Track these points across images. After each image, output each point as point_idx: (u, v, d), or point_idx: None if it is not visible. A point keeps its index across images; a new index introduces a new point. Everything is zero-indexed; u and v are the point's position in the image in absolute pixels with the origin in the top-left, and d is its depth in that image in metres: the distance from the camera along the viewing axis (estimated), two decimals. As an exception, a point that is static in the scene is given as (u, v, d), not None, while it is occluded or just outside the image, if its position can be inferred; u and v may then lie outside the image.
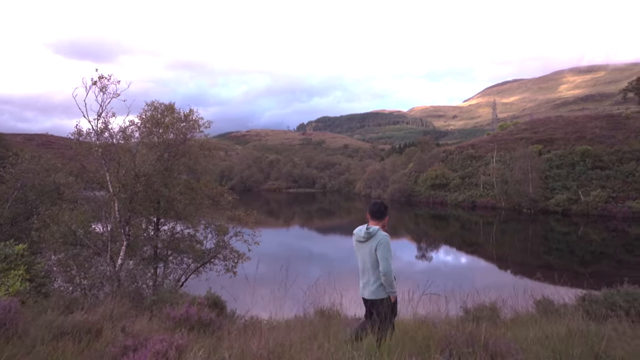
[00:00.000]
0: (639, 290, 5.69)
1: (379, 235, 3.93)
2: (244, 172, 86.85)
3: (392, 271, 3.88)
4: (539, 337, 4.12)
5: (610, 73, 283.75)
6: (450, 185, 48.95)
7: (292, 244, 28.99)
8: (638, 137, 40.70)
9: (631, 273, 8.47)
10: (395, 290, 3.96)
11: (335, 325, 4.58)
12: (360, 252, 4.10)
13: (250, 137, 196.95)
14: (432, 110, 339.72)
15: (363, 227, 4.05)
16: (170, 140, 8.58)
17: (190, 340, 2.94)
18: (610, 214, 34.23)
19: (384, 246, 3.88)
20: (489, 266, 21.98)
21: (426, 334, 4.09)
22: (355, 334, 3.87)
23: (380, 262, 3.87)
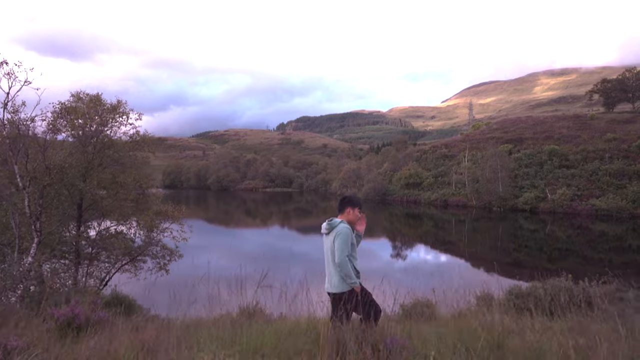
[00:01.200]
0: (562, 284, 5.68)
1: (339, 227, 3.88)
2: (220, 171, 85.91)
3: (347, 262, 3.79)
4: (446, 331, 4.03)
5: (581, 76, 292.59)
6: (423, 184, 49.40)
7: (273, 244, 28.75)
8: (602, 137, 41.85)
9: (595, 269, 8.75)
10: (356, 281, 3.84)
11: (246, 324, 4.39)
12: (325, 245, 4.05)
13: (229, 137, 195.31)
14: (411, 110, 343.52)
15: (327, 220, 4.03)
16: (88, 131, 8.19)
17: (30, 341, 2.70)
18: (575, 211, 35.05)
19: (341, 237, 3.82)
20: (462, 264, 22.13)
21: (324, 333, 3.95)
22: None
23: (336, 252, 3.80)
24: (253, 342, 3.28)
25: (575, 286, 6.93)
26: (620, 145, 39.56)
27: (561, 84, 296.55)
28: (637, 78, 53.70)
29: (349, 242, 3.86)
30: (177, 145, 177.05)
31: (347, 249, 3.82)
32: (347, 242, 3.84)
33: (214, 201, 66.47)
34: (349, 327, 3.56)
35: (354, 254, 3.98)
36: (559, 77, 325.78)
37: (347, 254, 3.82)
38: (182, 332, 3.38)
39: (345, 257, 3.79)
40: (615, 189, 35.11)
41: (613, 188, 35.34)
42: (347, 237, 3.85)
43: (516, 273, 15.45)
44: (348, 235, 3.86)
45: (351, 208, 4.09)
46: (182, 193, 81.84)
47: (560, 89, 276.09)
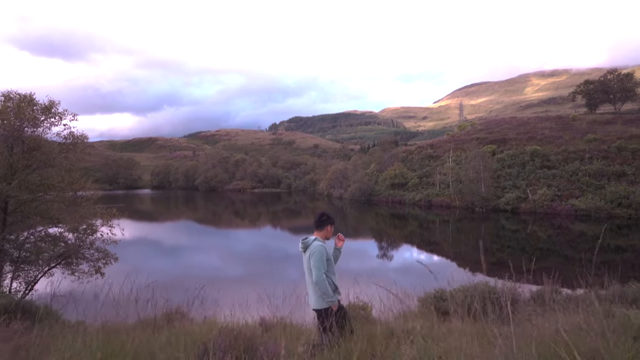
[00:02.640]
0: (486, 287, 5.70)
1: (313, 245, 3.99)
2: (208, 172, 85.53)
3: (323, 280, 3.89)
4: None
5: (571, 77, 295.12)
6: (408, 184, 49.53)
7: (267, 244, 28.77)
8: (583, 137, 42.25)
9: (575, 268, 8.88)
10: (334, 299, 3.95)
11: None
12: (304, 263, 4.17)
13: (220, 137, 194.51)
14: (403, 111, 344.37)
15: (302, 238, 4.16)
16: (14, 132, 8.03)
17: None
18: (555, 211, 35.34)
19: (315, 256, 3.92)
20: (449, 264, 22.20)
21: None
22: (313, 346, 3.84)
23: (312, 271, 3.91)
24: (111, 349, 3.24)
25: (508, 287, 6.98)
26: (600, 146, 39.96)
27: (551, 85, 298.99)
28: (619, 80, 54.31)
29: (324, 259, 3.97)
30: (168, 146, 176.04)
31: (322, 266, 3.93)
32: (322, 260, 3.94)
33: (202, 202, 66.21)
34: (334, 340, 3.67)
35: (332, 269, 4.09)
36: (549, 78, 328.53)
37: (324, 271, 3.92)
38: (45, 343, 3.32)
39: (322, 275, 3.89)
40: (594, 190, 35.46)
41: (592, 188, 35.68)
42: (322, 255, 3.96)
43: (500, 273, 15.57)
44: (322, 253, 3.97)
45: (330, 225, 4.26)
46: (170, 194, 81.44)
47: (550, 90, 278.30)
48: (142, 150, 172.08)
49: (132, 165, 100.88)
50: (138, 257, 22.76)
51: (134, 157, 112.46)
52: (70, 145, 8.62)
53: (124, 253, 24.17)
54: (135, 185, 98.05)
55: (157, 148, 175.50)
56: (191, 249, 26.88)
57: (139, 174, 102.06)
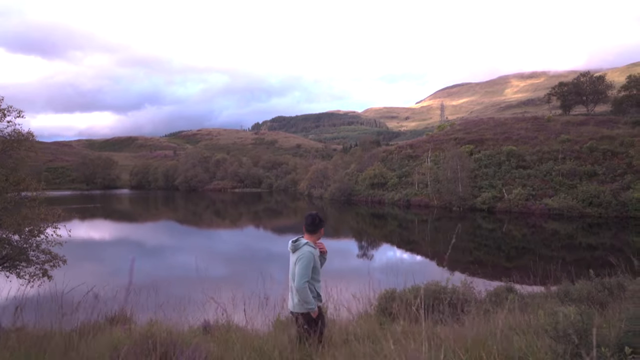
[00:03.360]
0: (430, 287, 5.70)
1: (303, 250, 3.87)
2: (188, 171, 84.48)
3: (306, 288, 3.78)
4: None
5: (549, 79, 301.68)
6: (388, 184, 49.82)
7: (250, 244, 28.55)
8: (557, 138, 43.16)
9: (549, 266, 9.05)
10: (313, 306, 3.85)
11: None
12: (290, 263, 4.04)
13: (201, 136, 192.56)
14: (386, 111, 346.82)
15: (292, 240, 4.04)
16: None
17: None
18: (530, 210, 35.98)
19: (302, 261, 3.81)
20: (428, 263, 22.32)
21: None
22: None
23: (296, 276, 3.81)
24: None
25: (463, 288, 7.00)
26: (573, 146, 40.89)
27: (530, 86, 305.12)
28: (591, 82, 55.77)
29: (310, 266, 3.86)
30: (148, 145, 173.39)
31: (307, 274, 3.82)
32: (308, 267, 3.84)
33: (182, 202, 65.38)
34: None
35: (317, 277, 4.00)
36: (528, 80, 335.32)
37: (307, 279, 3.82)
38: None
39: (305, 282, 3.79)
40: (567, 189, 36.25)
41: (565, 188, 36.47)
42: (309, 262, 3.84)
43: (478, 272, 15.76)
44: (310, 260, 3.85)
45: (323, 229, 4.14)
46: (150, 194, 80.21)
47: (529, 92, 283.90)
48: (121, 150, 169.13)
49: (110, 165, 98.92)
50: (118, 258, 22.47)
51: (112, 157, 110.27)
52: (14, 142, 8.29)
53: (104, 254, 23.87)
54: (113, 185, 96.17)
55: (137, 147, 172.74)
56: (173, 249, 26.54)
57: (117, 174, 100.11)
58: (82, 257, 22.62)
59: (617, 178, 35.29)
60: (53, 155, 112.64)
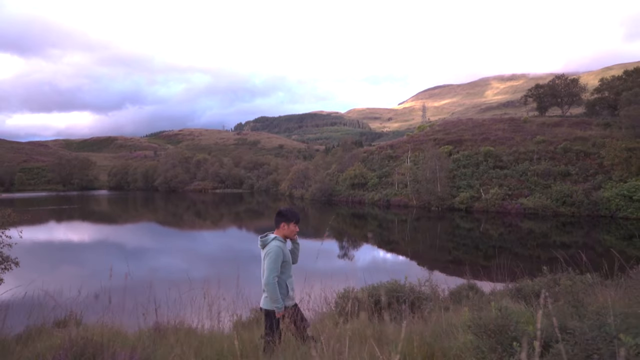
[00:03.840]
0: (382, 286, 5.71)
1: (270, 245, 3.82)
2: (168, 172, 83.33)
3: (274, 284, 3.69)
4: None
5: (528, 81, 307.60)
6: (368, 184, 50.04)
7: (233, 245, 28.25)
8: (533, 139, 44.03)
9: (525, 265, 9.19)
10: (280, 306, 3.74)
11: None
12: (262, 259, 3.98)
13: (183, 137, 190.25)
14: (369, 112, 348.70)
15: (261, 235, 4.02)
16: None
17: None
18: (506, 210, 36.58)
19: (270, 256, 3.74)
20: (409, 263, 22.42)
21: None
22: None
23: (264, 272, 3.73)
24: None
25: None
26: (547, 147, 41.75)
27: (510, 88, 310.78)
28: (565, 85, 57.20)
29: (279, 261, 3.77)
30: (128, 145, 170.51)
31: (276, 269, 3.74)
32: (276, 262, 3.75)
33: (162, 203, 64.46)
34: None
35: (288, 271, 3.91)
36: (508, 82, 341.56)
37: (276, 274, 3.74)
38: None
39: (273, 278, 3.71)
40: (541, 189, 36.98)
41: (540, 188, 37.21)
42: (277, 257, 3.76)
43: (456, 270, 15.93)
44: (278, 255, 3.77)
45: (285, 223, 4.00)
46: (129, 195, 78.88)
47: (508, 94, 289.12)
48: (100, 150, 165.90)
49: (87, 165, 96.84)
50: (97, 261, 22.15)
51: (90, 157, 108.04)
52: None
53: (82, 257, 23.38)
54: (90, 186, 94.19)
55: (117, 148, 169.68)
56: (155, 251, 26.16)
57: (95, 175, 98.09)
58: (61, 260, 22.25)
59: (589, 178, 36.18)
60: (28, 156, 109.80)
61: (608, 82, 49.91)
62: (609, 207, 32.23)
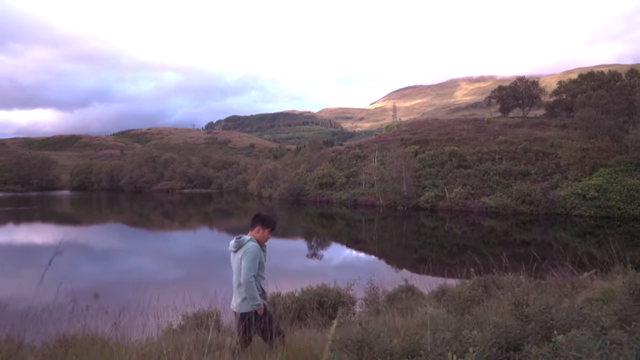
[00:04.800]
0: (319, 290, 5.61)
1: (248, 245, 3.79)
2: (134, 171, 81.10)
3: (252, 282, 3.66)
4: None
5: (495, 83, 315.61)
6: (336, 184, 50.15)
7: (206, 245, 27.64)
8: (495, 139, 45.20)
9: (487, 262, 9.29)
10: (259, 302, 3.72)
11: None
12: (232, 264, 3.92)
13: (151, 135, 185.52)
14: (341, 112, 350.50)
15: (235, 237, 3.98)
16: None
17: None
18: (469, 209, 37.38)
19: (249, 255, 3.70)
20: (378, 262, 22.47)
21: None
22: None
23: (242, 271, 3.69)
24: None
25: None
26: (509, 147, 42.95)
27: (478, 89, 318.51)
28: (527, 87, 59.15)
29: (256, 261, 3.77)
30: (93, 144, 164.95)
31: (254, 268, 3.73)
32: (254, 261, 3.74)
33: (128, 203, 62.74)
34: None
35: (262, 273, 3.89)
36: (476, 83, 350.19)
37: (254, 273, 3.72)
38: None
39: (252, 277, 3.68)
40: (502, 188, 37.99)
41: (501, 187, 38.22)
42: (256, 257, 3.76)
43: (424, 269, 16.10)
44: (256, 255, 3.77)
45: (261, 227, 4.02)
46: (92, 195, 76.39)
47: (476, 95, 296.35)
48: (64, 149, 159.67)
49: (48, 165, 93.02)
50: (65, 264, 21.40)
51: (51, 156, 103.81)
52: None
53: (44, 260, 22.38)
54: (51, 186, 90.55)
55: (81, 146, 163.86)
56: (125, 252, 25.48)
57: (57, 174, 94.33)
58: (21, 264, 21.39)
59: (547, 177, 37.43)
60: None
61: (565, 85, 51.86)
62: (565, 205, 33.43)
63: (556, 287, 5.52)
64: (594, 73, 49.47)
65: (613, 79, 46.60)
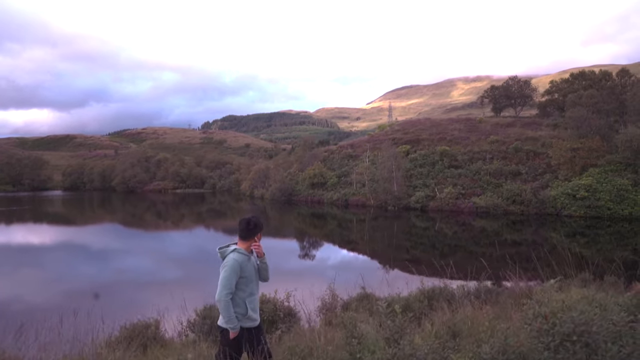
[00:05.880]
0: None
1: (228, 257, 3.36)
2: (126, 171, 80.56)
3: (226, 301, 3.23)
4: None
5: (492, 83, 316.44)
6: (328, 184, 49.85)
7: (204, 245, 27.43)
8: (487, 139, 44.98)
9: (479, 263, 9.10)
10: (234, 326, 3.29)
11: None
12: None
13: (146, 135, 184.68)
14: (338, 111, 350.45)
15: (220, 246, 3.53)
16: None
17: None
18: (459, 209, 37.13)
19: (225, 270, 3.29)
20: (370, 262, 22.28)
21: None
22: None
23: (218, 287, 3.28)
24: None
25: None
26: (500, 147, 42.73)
27: (474, 89, 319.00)
28: (519, 86, 59.03)
29: (233, 277, 3.31)
30: (87, 144, 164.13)
31: (228, 285, 3.28)
32: (231, 277, 3.30)
33: (120, 204, 62.41)
34: None
35: (249, 289, 3.44)
36: (473, 83, 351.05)
37: (228, 291, 3.28)
38: None
39: (225, 295, 3.26)
40: (493, 188, 37.76)
41: (491, 187, 37.98)
42: (233, 271, 3.31)
43: (414, 270, 15.95)
44: (234, 270, 3.32)
45: (260, 234, 3.63)
46: (84, 195, 75.95)
47: (473, 94, 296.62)
48: (58, 149, 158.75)
49: (39, 165, 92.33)
50: (62, 264, 21.24)
51: (43, 156, 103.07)
52: None
53: (42, 260, 22.18)
54: (43, 186, 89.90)
55: (75, 146, 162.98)
56: (123, 252, 25.47)
57: (49, 174, 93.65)
58: (19, 264, 21.11)
59: (538, 177, 37.22)
60: None
61: (557, 84, 51.74)
62: (555, 205, 33.23)
63: (510, 297, 5.23)
64: (586, 72, 49.34)
65: (604, 78, 46.50)
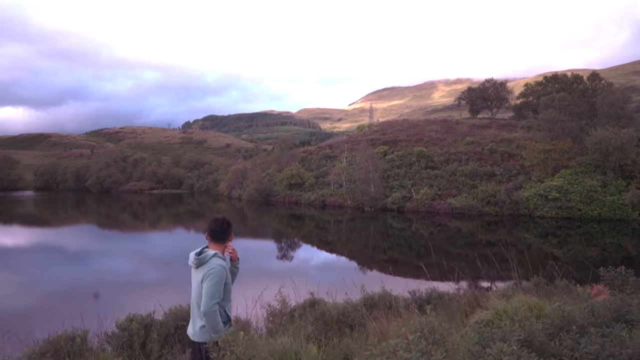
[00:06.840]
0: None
1: (211, 263, 2.96)
2: (101, 171, 78.57)
3: (215, 312, 2.87)
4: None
5: (472, 85, 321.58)
6: (305, 184, 49.51)
7: (186, 246, 26.66)
8: (463, 140, 45.38)
9: (456, 263, 8.90)
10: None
11: None
12: (193, 281, 3.14)
13: (124, 135, 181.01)
14: (320, 112, 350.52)
15: (196, 251, 3.12)
16: None
17: None
18: (435, 210, 37.27)
19: (212, 278, 2.91)
20: (349, 263, 22.01)
21: None
22: None
23: (203, 298, 2.89)
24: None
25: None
26: (476, 148, 43.14)
27: (455, 91, 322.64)
28: (495, 88, 59.92)
29: (222, 284, 3.01)
30: (63, 143, 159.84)
31: (218, 294, 2.96)
32: (219, 285, 2.97)
33: (95, 204, 60.75)
34: None
35: (228, 296, 3.13)
36: (453, 85, 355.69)
37: (218, 300, 2.95)
38: None
39: (215, 305, 2.91)
40: (468, 189, 38.02)
41: (467, 188, 38.24)
42: (221, 279, 2.99)
43: (390, 270, 15.63)
44: (222, 277, 2.99)
45: (232, 235, 3.35)
46: (58, 196, 73.76)
47: (453, 97, 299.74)
48: (31, 148, 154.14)
49: (9, 164, 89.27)
50: (36, 266, 20.51)
51: (14, 155, 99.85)
52: None
53: (15, 262, 21.24)
54: (13, 186, 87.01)
55: (50, 146, 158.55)
56: (100, 254, 24.66)
57: (20, 174, 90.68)
58: None
59: (512, 178, 37.66)
60: None
61: (532, 87, 52.63)
62: (528, 206, 33.61)
63: (457, 303, 4.99)
64: (558, 76, 50.32)
65: (576, 81, 47.47)
